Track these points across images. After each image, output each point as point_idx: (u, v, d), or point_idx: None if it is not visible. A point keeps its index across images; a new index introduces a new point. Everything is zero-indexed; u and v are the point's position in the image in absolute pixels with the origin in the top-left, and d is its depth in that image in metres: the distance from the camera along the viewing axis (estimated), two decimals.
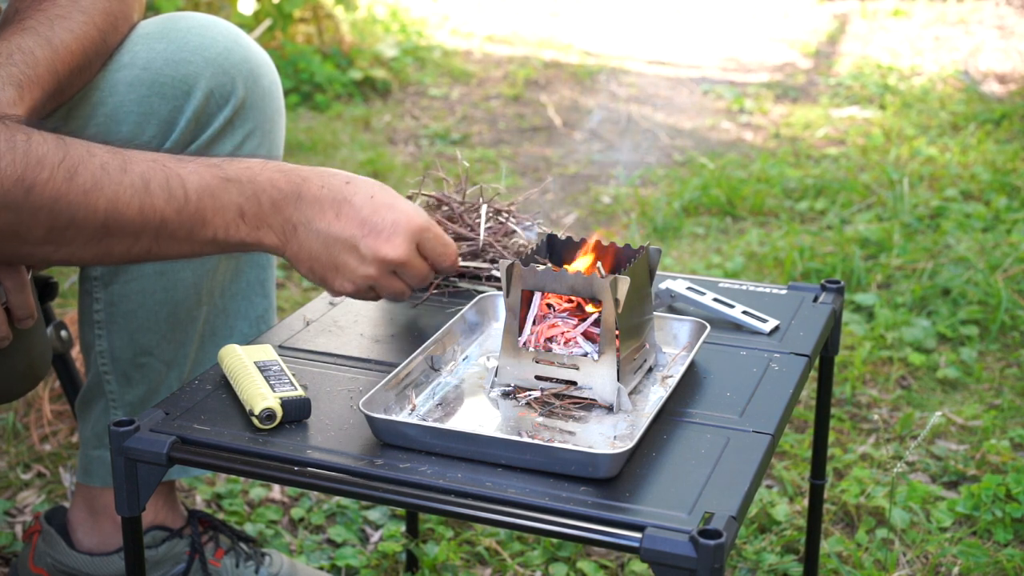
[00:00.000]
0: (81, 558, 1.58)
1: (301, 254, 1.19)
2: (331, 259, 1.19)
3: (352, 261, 1.19)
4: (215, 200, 1.16)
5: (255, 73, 1.46)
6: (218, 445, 1.08)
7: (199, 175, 1.16)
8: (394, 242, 1.18)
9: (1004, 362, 2.40)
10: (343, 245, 1.18)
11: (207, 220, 1.16)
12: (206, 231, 1.17)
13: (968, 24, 5.66)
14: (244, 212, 1.17)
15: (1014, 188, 3.29)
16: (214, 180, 1.16)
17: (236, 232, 1.18)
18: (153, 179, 1.14)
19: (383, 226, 1.18)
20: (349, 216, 1.18)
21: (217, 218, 1.16)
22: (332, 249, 1.18)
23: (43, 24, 1.28)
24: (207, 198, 1.15)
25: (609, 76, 4.89)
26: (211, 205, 1.16)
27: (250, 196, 1.17)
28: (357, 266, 1.19)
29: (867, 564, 1.75)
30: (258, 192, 1.17)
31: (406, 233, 1.19)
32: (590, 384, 1.14)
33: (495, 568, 1.79)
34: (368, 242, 1.18)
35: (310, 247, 1.18)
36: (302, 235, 1.18)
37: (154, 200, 1.14)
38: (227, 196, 1.16)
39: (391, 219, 1.19)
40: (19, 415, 2.15)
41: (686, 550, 0.91)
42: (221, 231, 1.17)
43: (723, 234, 3.14)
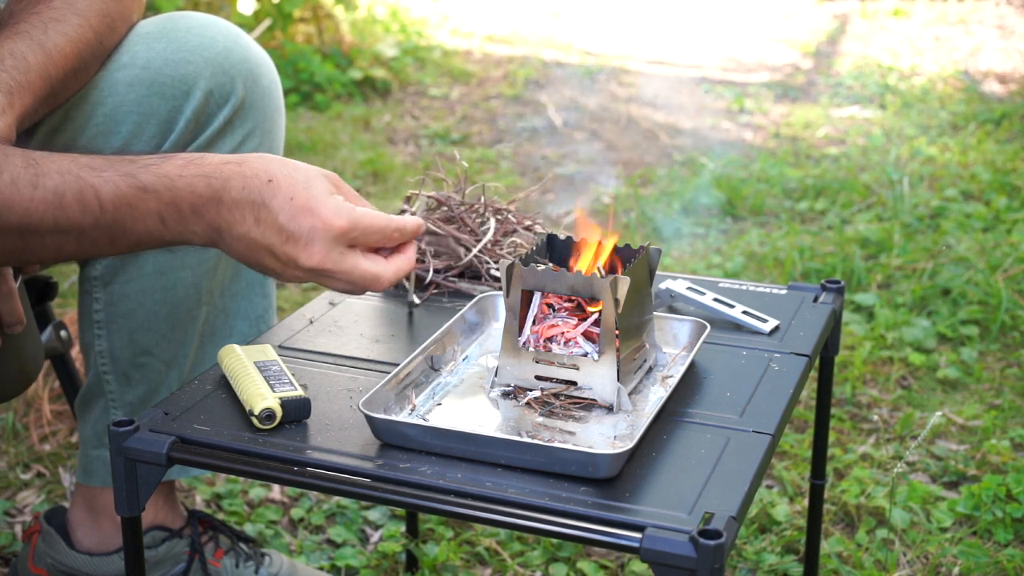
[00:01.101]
0: (81, 558, 1.58)
1: (232, 252, 1.15)
2: (257, 263, 1.14)
3: (276, 266, 1.13)
4: (132, 210, 1.12)
5: (255, 73, 1.46)
6: (218, 445, 1.08)
7: (114, 185, 1.11)
8: (310, 250, 1.11)
9: (1004, 362, 2.40)
10: (263, 251, 1.12)
11: (127, 228, 1.13)
12: (128, 237, 1.14)
13: (968, 24, 5.66)
14: (165, 219, 1.13)
15: (1014, 188, 3.28)
16: (130, 190, 1.12)
17: (160, 236, 1.14)
18: (66, 193, 1.10)
19: (300, 233, 1.11)
20: (267, 221, 1.11)
21: (138, 226, 1.13)
22: (255, 254, 1.13)
23: (36, 28, 1.28)
24: (124, 208, 1.12)
25: (609, 76, 4.89)
26: (129, 215, 1.12)
27: (168, 203, 1.12)
28: (283, 270, 1.14)
29: (867, 564, 1.75)
30: (177, 200, 1.12)
31: (323, 241, 1.11)
32: (590, 384, 1.14)
33: (495, 568, 1.78)
34: (286, 249, 1.11)
35: (236, 251, 1.14)
36: (226, 239, 1.13)
37: (68, 214, 1.10)
38: (144, 205, 1.12)
39: (308, 225, 1.11)
40: (19, 415, 2.15)
41: (686, 550, 0.91)
42: (144, 236, 1.14)
43: (723, 234, 3.13)
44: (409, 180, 3.49)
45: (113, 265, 1.49)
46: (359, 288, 1.15)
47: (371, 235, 1.14)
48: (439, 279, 1.45)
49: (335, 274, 1.13)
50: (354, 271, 1.13)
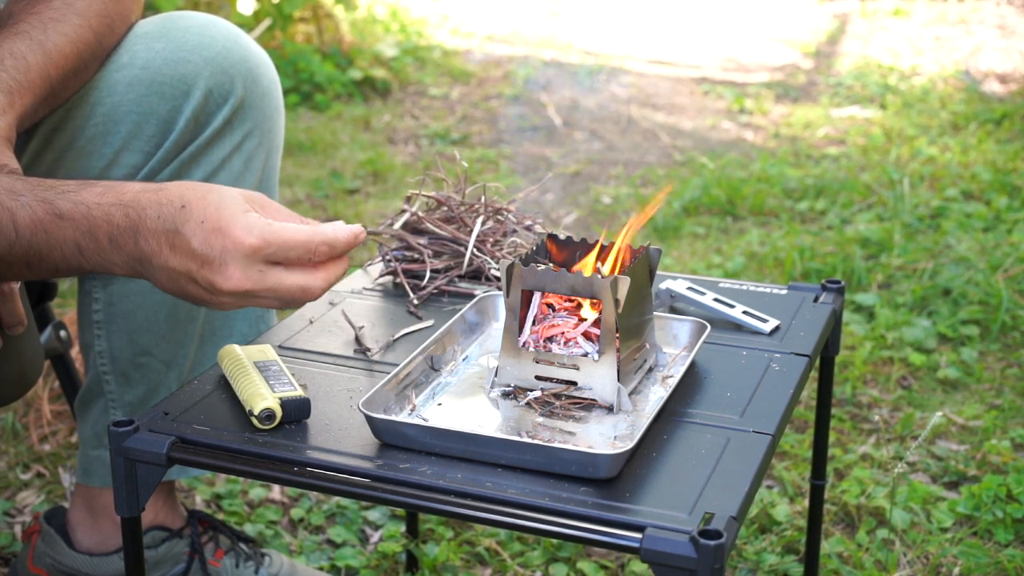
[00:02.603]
0: (81, 558, 1.58)
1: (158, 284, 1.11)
2: (183, 293, 1.10)
3: (201, 293, 1.09)
4: (48, 236, 1.09)
5: (254, 73, 1.46)
6: (218, 445, 1.08)
7: (30, 210, 1.09)
8: (226, 272, 1.06)
9: (1005, 362, 2.40)
10: (184, 279, 1.08)
11: (43, 255, 1.10)
12: (45, 263, 1.11)
13: (969, 24, 5.66)
14: (82, 249, 1.10)
15: (1015, 188, 3.28)
16: (46, 216, 1.09)
17: (78, 264, 1.11)
18: None
19: (212, 256, 1.06)
20: (181, 248, 1.07)
21: (55, 252, 1.10)
22: (178, 283, 1.09)
23: (36, 28, 1.28)
24: (40, 235, 1.09)
25: (609, 76, 4.88)
26: (44, 241, 1.09)
27: (86, 232, 1.09)
28: (209, 297, 1.09)
29: (868, 564, 1.75)
30: (93, 229, 1.09)
31: (237, 260, 1.06)
32: (590, 384, 1.14)
33: (495, 568, 1.78)
34: (203, 274, 1.07)
35: (161, 282, 1.10)
36: (149, 270, 1.10)
37: None
38: (60, 233, 1.09)
39: (219, 247, 1.06)
40: (18, 415, 2.15)
41: (686, 550, 0.91)
42: (62, 263, 1.10)
43: (723, 234, 3.13)
44: (409, 180, 3.49)
45: None
46: (290, 303, 1.11)
47: (291, 251, 1.08)
48: (439, 279, 1.45)
49: (259, 293, 1.08)
50: (279, 287, 1.08)
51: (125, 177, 1.42)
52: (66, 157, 1.40)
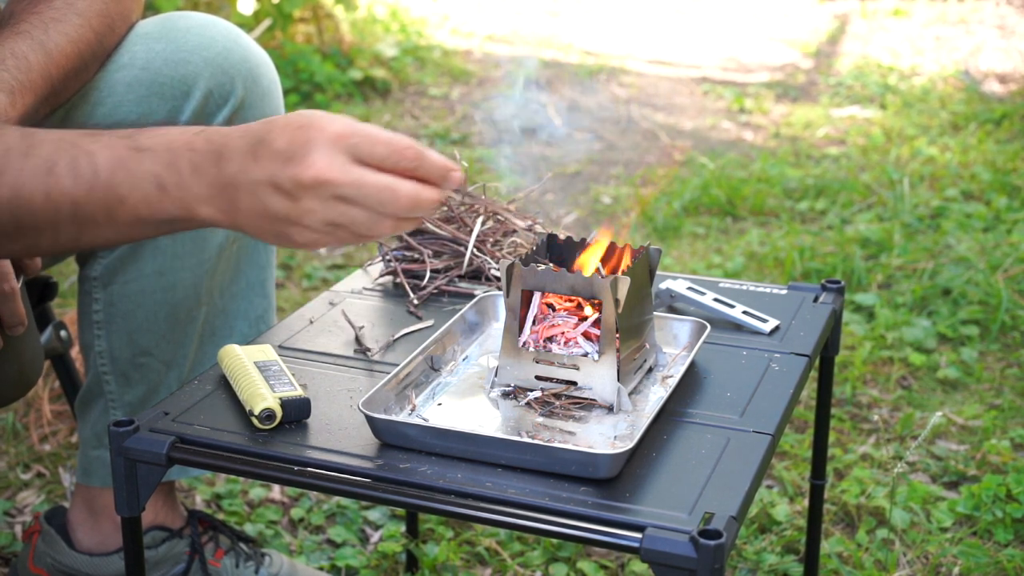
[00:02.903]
0: (81, 558, 1.58)
1: (241, 218, 1.04)
2: (267, 211, 1.02)
3: (283, 203, 1.01)
4: (129, 173, 1.03)
5: (254, 73, 1.46)
6: (218, 445, 1.08)
7: (110, 148, 1.04)
8: (308, 161, 1.00)
9: (1004, 362, 2.40)
10: (267, 188, 1.01)
11: (123, 197, 1.04)
12: (126, 209, 1.04)
13: (969, 24, 5.66)
14: (164, 183, 1.04)
15: (1014, 188, 3.28)
16: (126, 152, 1.04)
17: (159, 206, 1.04)
18: (59, 160, 1.03)
19: (295, 149, 1.00)
20: (265, 155, 1.01)
21: (135, 193, 1.04)
22: (262, 198, 1.02)
23: (37, 28, 1.28)
24: (120, 172, 1.04)
25: (609, 76, 4.88)
26: (124, 179, 1.04)
27: (167, 164, 1.04)
28: (291, 206, 1.01)
29: (867, 564, 1.75)
30: (175, 159, 1.04)
31: (321, 147, 1.00)
32: (590, 384, 1.14)
33: (495, 568, 1.78)
34: (287, 173, 1.00)
35: (246, 206, 1.03)
36: (231, 195, 1.03)
37: (60, 181, 1.03)
38: (141, 167, 1.04)
39: (303, 139, 1.01)
40: (19, 415, 2.15)
41: (686, 550, 0.91)
42: (143, 207, 1.04)
43: (723, 234, 3.13)
44: None
45: (112, 266, 1.49)
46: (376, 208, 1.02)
47: (376, 144, 1.01)
48: (439, 279, 1.45)
49: (342, 185, 1.00)
50: (364, 181, 1.00)
51: None
52: None
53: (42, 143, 1.05)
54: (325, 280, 2.84)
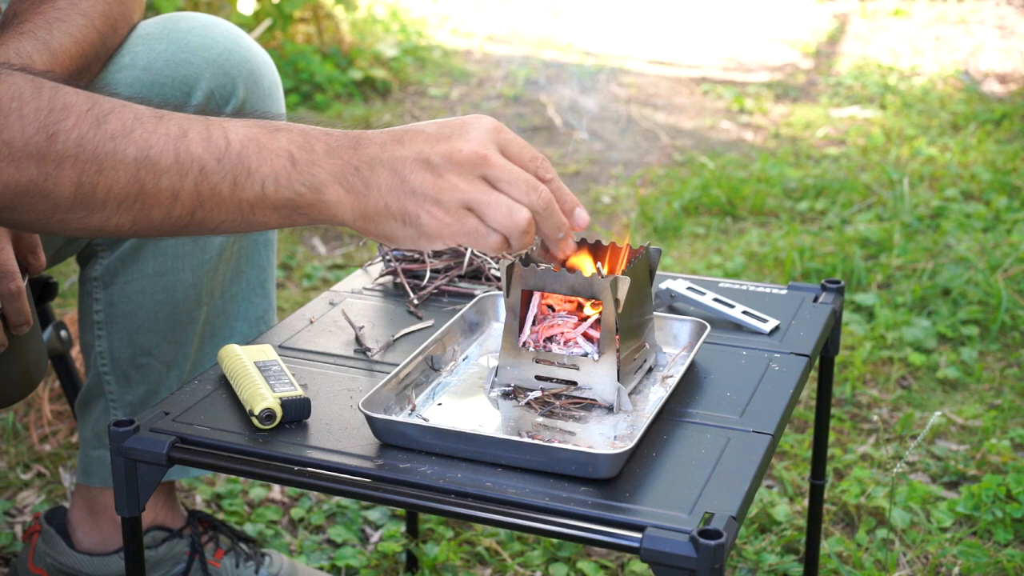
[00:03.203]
0: (81, 558, 1.58)
1: (371, 199, 1.02)
2: (405, 185, 1.02)
3: (426, 177, 1.01)
4: (260, 147, 1.02)
5: (255, 74, 1.46)
6: (218, 445, 1.08)
7: (244, 125, 1.04)
8: (467, 137, 1.01)
9: (1004, 362, 2.40)
10: (412, 164, 1.01)
11: (252, 169, 1.02)
12: (252, 183, 1.02)
13: (968, 24, 5.66)
14: (295, 158, 1.03)
15: (1014, 188, 3.29)
16: (261, 131, 1.04)
17: (287, 182, 1.02)
18: (192, 128, 1.02)
19: (451, 131, 1.03)
20: (414, 139, 1.02)
21: (264, 166, 1.02)
22: (402, 172, 1.02)
23: (41, 28, 1.28)
24: (251, 144, 1.02)
25: (609, 76, 4.89)
26: (255, 152, 1.02)
27: (301, 144, 1.03)
28: (435, 181, 1.01)
29: (867, 564, 1.75)
30: (310, 139, 1.04)
31: (479, 129, 1.03)
32: (590, 384, 1.14)
33: (495, 568, 1.78)
34: (439, 149, 1.01)
35: (378, 183, 1.02)
36: (366, 174, 1.02)
37: (191, 146, 1.01)
38: (275, 143, 1.03)
39: (459, 124, 1.04)
40: (19, 415, 2.15)
41: (686, 550, 0.91)
42: (270, 182, 1.02)
43: (723, 234, 3.13)
44: None
45: (113, 266, 1.49)
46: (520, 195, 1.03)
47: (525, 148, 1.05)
48: (439, 279, 1.45)
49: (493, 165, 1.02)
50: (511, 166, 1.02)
51: None
52: None
53: (173, 115, 1.04)
54: (325, 280, 2.84)
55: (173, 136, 1.01)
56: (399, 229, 1.03)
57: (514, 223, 1.02)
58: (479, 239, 1.03)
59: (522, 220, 1.02)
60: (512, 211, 1.02)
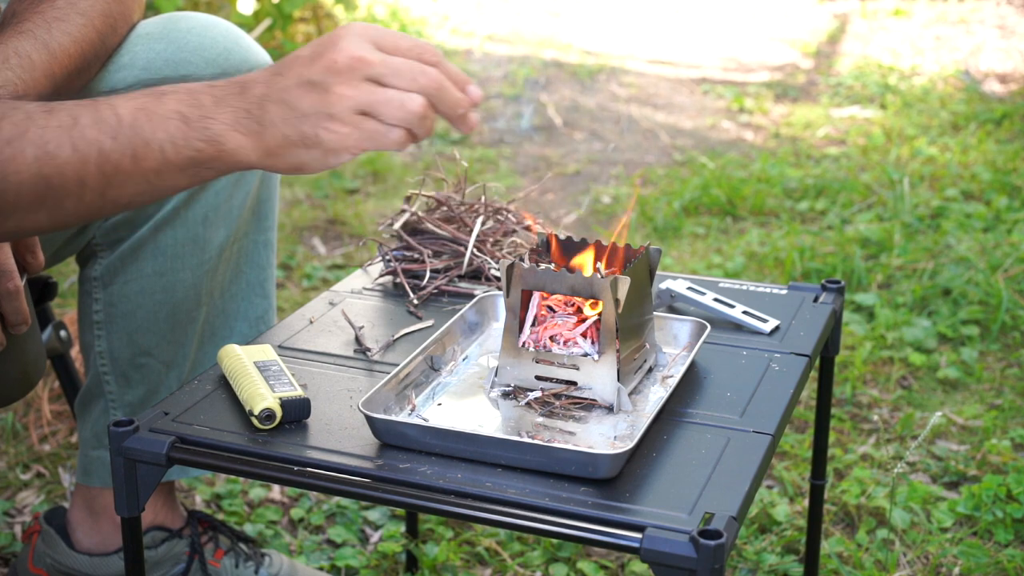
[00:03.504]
0: (81, 558, 1.58)
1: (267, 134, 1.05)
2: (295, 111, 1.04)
3: (314, 98, 1.03)
4: (150, 115, 1.05)
5: None
6: (218, 445, 1.08)
7: (131, 99, 1.06)
8: (340, 45, 1.03)
9: (1005, 362, 2.40)
10: (296, 89, 1.04)
11: (148, 138, 1.05)
12: (151, 151, 1.05)
13: (969, 24, 5.66)
14: (186, 117, 1.05)
15: (1015, 188, 3.28)
16: (147, 98, 1.06)
17: (185, 141, 1.05)
18: (83, 114, 1.05)
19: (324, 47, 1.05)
20: (292, 66, 1.05)
21: (159, 132, 1.04)
22: (290, 101, 1.04)
23: (40, 27, 1.28)
24: (141, 115, 1.05)
25: (609, 76, 4.88)
26: (147, 120, 1.05)
27: (189, 102, 1.05)
28: (322, 98, 1.03)
29: (868, 564, 1.75)
30: (196, 95, 1.06)
31: (350, 36, 1.04)
32: (590, 384, 1.14)
33: (495, 568, 1.78)
34: (317, 66, 1.03)
35: (271, 118, 1.04)
36: (257, 114, 1.05)
37: (85, 132, 1.04)
38: (163, 107, 1.05)
39: (328, 40, 1.05)
40: (18, 415, 2.15)
41: (686, 550, 0.91)
42: (168, 145, 1.05)
43: (723, 234, 3.13)
44: (409, 180, 3.49)
45: (113, 266, 1.49)
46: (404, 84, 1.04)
47: (400, 39, 1.06)
48: (439, 279, 1.45)
49: (372, 64, 1.03)
50: (391, 59, 1.04)
51: None
52: None
53: (62, 105, 1.06)
54: (325, 280, 2.84)
55: (66, 126, 1.04)
56: (304, 154, 1.05)
57: (410, 112, 1.04)
58: (381, 139, 1.05)
59: (417, 107, 1.04)
60: (404, 102, 1.04)
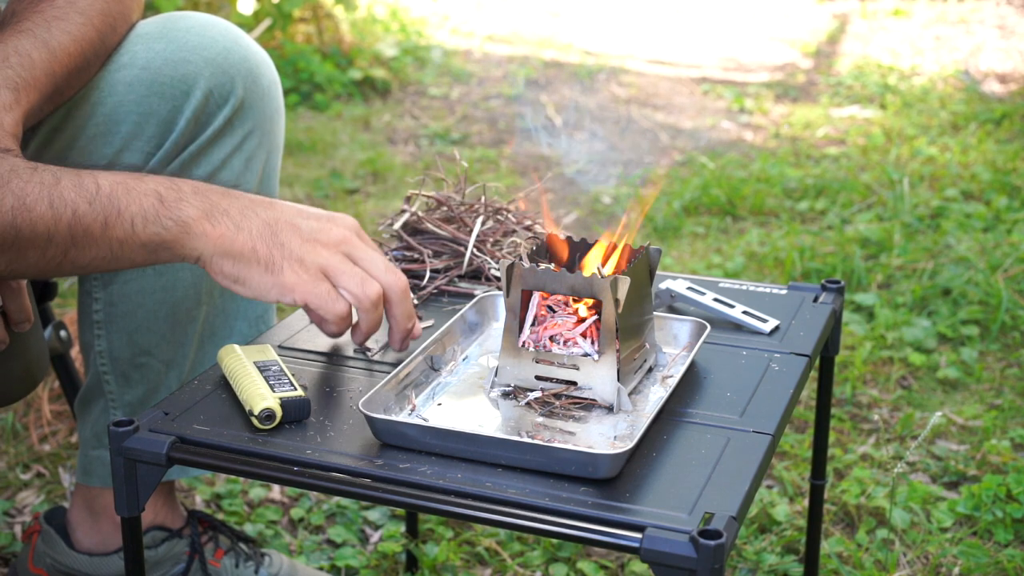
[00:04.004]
0: (81, 558, 1.58)
1: (240, 237, 1.11)
2: (276, 237, 1.12)
3: (296, 239, 1.12)
4: (129, 189, 1.11)
5: (254, 73, 1.46)
6: (218, 445, 1.08)
7: (112, 174, 1.13)
8: (334, 221, 1.15)
9: (1004, 362, 2.40)
10: (284, 224, 1.12)
11: (121, 209, 1.11)
12: (123, 221, 1.11)
13: (969, 24, 5.66)
14: (163, 197, 1.11)
15: (1014, 188, 3.28)
16: (129, 177, 1.13)
17: (156, 218, 1.11)
18: (64, 176, 1.11)
19: (320, 213, 1.16)
20: (283, 207, 1.15)
21: (133, 205, 1.11)
22: (273, 228, 1.12)
23: (40, 26, 1.28)
24: (120, 187, 1.11)
25: (609, 76, 4.88)
26: (125, 194, 1.11)
27: (168, 185, 1.12)
28: (302, 243, 1.12)
29: (867, 564, 1.75)
30: (176, 182, 1.13)
31: (344, 222, 1.17)
32: (590, 384, 1.14)
33: (495, 568, 1.78)
34: (309, 222, 1.14)
35: (250, 227, 1.11)
36: (237, 218, 1.12)
37: (64, 192, 1.10)
38: (143, 185, 1.12)
39: (326, 212, 1.18)
40: (18, 415, 2.15)
41: (686, 550, 0.91)
42: (139, 220, 1.11)
43: (723, 234, 3.13)
44: (409, 180, 3.49)
45: None
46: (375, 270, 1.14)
47: (370, 244, 1.17)
48: (439, 279, 1.45)
49: (358, 248, 1.13)
50: (375, 252, 1.15)
51: None
52: (67, 157, 1.40)
53: (49, 167, 1.13)
54: None
55: (47, 184, 1.10)
56: (257, 274, 1.11)
57: (364, 293, 1.12)
58: (328, 302, 1.12)
59: (372, 292, 1.12)
60: (364, 282, 1.12)
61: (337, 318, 1.12)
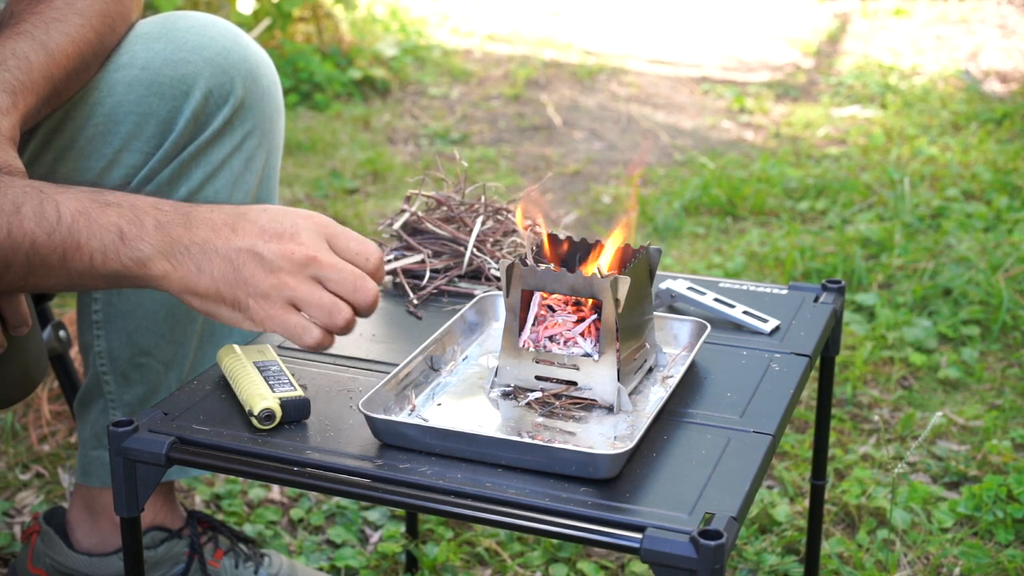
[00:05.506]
0: (80, 559, 1.58)
1: (202, 280, 1.09)
2: (238, 275, 1.08)
3: (260, 272, 1.08)
4: (90, 222, 1.09)
5: (254, 73, 1.46)
6: (217, 445, 1.08)
7: (76, 199, 1.10)
8: (299, 239, 1.08)
9: (1005, 362, 2.39)
10: (246, 256, 1.08)
11: (81, 244, 1.09)
12: (81, 255, 1.09)
13: (969, 23, 5.66)
14: (124, 233, 1.09)
15: (1015, 188, 3.28)
16: (92, 204, 1.10)
17: (115, 255, 1.09)
18: (26, 202, 1.08)
19: (284, 228, 1.09)
20: (246, 229, 1.09)
21: (93, 241, 1.09)
22: (235, 263, 1.08)
23: (38, 28, 1.28)
24: (81, 219, 1.09)
25: (609, 76, 4.88)
26: (86, 227, 1.08)
27: (131, 219, 1.09)
28: (266, 276, 1.08)
29: (868, 565, 1.75)
30: (140, 215, 1.10)
31: (310, 230, 1.10)
32: (590, 384, 1.14)
33: (495, 569, 1.78)
34: (272, 246, 1.08)
35: (211, 269, 1.08)
36: (198, 257, 1.08)
37: (23, 222, 1.08)
38: (105, 218, 1.09)
39: (290, 222, 1.10)
40: (18, 415, 2.15)
41: (686, 551, 0.91)
42: (99, 255, 1.09)
43: (723, 234, 3.13)
44: (409, 180, 3.48)
45: None
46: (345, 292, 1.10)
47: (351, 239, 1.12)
48: (439, 279, 1.44)
49: (325, 267, 1.09)
50: (342, 267, 1.10)
51: (125, 177, 1.42)
52: (66, 157, 1.40)
53: (11, 186, 1.10)
54: None
55: (7, 212, 1.08)
56: (225, 312, 1.11)
57: (334, 323, 1.10)
58: (300, 332, 1.10)
59: (341, 320, 1.10)
60: (333, 312, 1.09)
61: (311, 347, 1.11)
